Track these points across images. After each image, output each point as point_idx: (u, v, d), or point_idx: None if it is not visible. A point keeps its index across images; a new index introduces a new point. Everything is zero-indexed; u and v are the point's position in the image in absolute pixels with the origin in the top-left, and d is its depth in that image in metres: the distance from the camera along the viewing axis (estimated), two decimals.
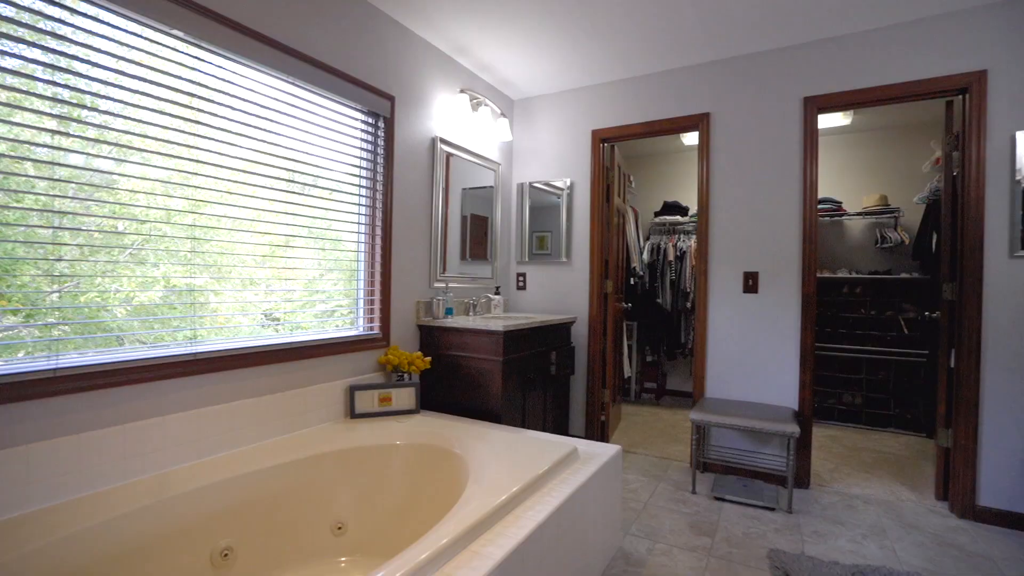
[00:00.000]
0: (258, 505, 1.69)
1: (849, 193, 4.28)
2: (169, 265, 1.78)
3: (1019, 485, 2.34)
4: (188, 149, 1.79)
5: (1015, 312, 2.36)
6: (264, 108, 2.03)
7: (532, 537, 1.38)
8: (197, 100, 1.81)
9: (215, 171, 1.88)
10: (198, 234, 1.85)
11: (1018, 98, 2.35)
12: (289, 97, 2.12)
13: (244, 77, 1.95)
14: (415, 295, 2.80)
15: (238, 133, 1.94)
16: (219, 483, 1.60)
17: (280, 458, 1.81)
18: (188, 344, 1.80)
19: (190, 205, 1.82)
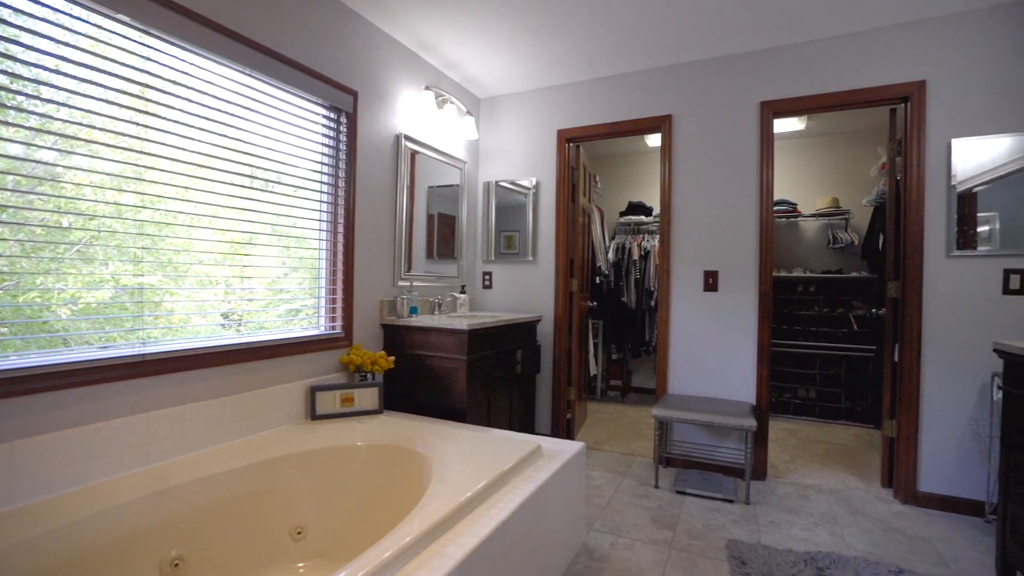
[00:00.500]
0: (212, 511, 1.63)
1: (804, 195, 4.45)
2: (119, 263, 1.70)
3: (954, 471, 2.49)
4: (140, 142, 1.71)
5: (951, 309, 2.50)
6: (221, 101, 1.96)
7: (494, 535, 1.38)
8: (149, 91, 1.73)
9: (170, 165, 1.81)
10: (152, 231, 1.78)
11: (954, 107, 2.49)
12: (246, 90, 2.06)
13: (199, 68, 1.88)
14: (379, 294, 2.76)
15: (194, 126, 1.87)
16: (169, 489, 1.54)
17: (236, 462, 1.75)
18: (140, 345, 1.73)
19: (143, 200, 1.74)
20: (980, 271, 2.45)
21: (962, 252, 2.47)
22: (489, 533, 1.36)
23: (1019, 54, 2.38)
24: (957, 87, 2.48)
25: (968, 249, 2.47)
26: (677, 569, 1.96)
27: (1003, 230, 2.42)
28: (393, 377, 2.69)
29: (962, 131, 2.47)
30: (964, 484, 2.47)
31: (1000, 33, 2.41)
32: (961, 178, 2.48)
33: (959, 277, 2.48)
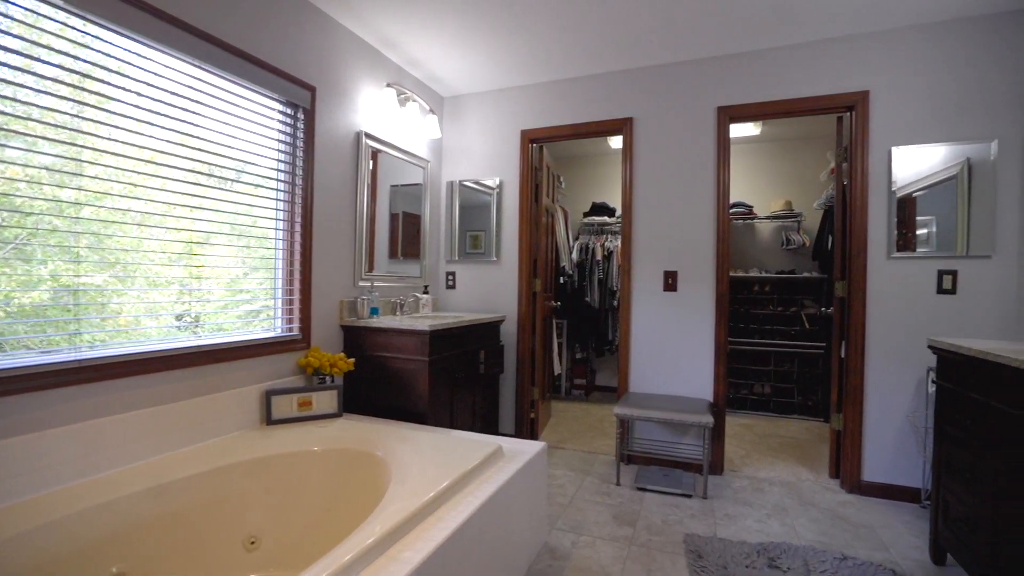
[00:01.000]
0: (158, 523, 1.56)
1: (759, 198, 4.61)
2: (61, 262, 1.61)
3: (895, 461, 2.62)
4: (82, 135, 1.62)
5: (892, 308, 2.63)
6: (169, 94, 1.88)
7: (454, 538, 1.37)
8: (89, 80, 1.64)
9: (116, 160, 1.72)
10: (98, 228, 1.69)
11: (894, 117, 2.62)
12: (196, 83, 1.97)
13: (144, 58, 1.79)
14: (338, 294, 2.70)
15: (141, 120, 1.79)
16: (110, 503, 1.46)
17: (185, 471, 1.68)
18: (88, 349, 1.64)
19: (87, 197, 1.65)
20: (917, 272, 2.59)
21: (901, 254, 2.61)
22: (448, 536, 1.35)
23: (953, 68, 2.53)
24: (897, 98, 2.62)
25: (907, 251, 2.61)
26: (637, 565, 2.00)
27: (939, 233, 2.57)
28: (353, 379, 2.64)
29: (902, 139, 2.61)
30: (903, 473, 2.61)
31: (937, 49, 2.55)
32: (901, 184, 2.62)
33: (899, 277, 2.62)
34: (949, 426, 1.92)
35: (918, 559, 2.06)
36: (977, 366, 1.73)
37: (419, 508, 1.43)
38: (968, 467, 1.78)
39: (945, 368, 1.96)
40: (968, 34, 2.50)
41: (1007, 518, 1.56)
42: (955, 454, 1.87)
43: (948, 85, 2.54)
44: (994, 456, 1.63)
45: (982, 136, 2.48)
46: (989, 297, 2.48)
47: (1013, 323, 2.44)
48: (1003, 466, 1.59)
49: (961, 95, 2.52)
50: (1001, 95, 2.46)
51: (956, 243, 2.53)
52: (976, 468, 1.73)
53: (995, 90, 2.47)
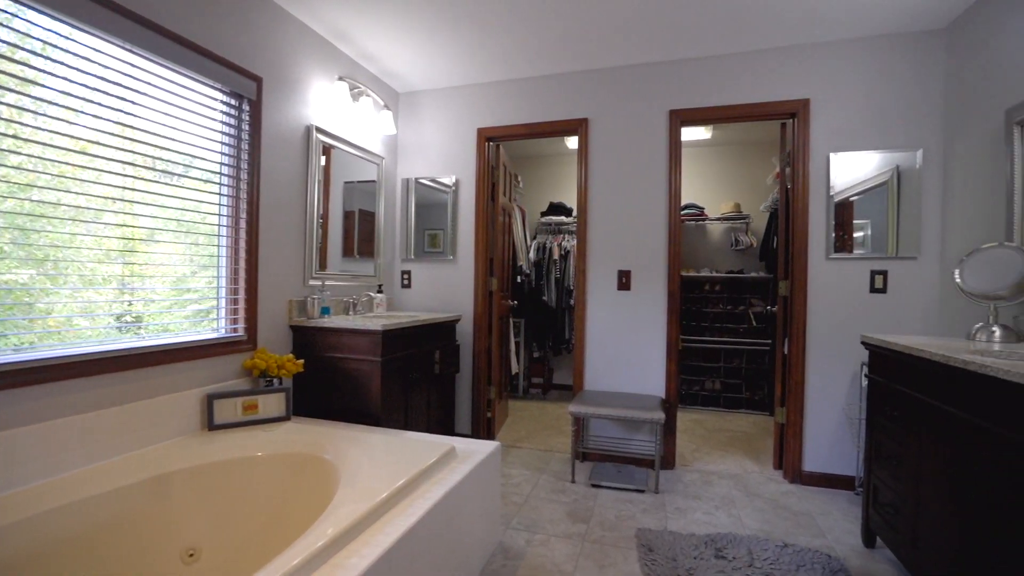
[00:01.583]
0: (86, 538, 1.45)
1: (710, 200, 4.76)
2: None
3: (833, 451, 2.76)
4: (1, 121, 1.49)
5: (830, 306, 2.77)
6: (102, 80, 1.76)
7: (402, 542, 1.34)
8: (7, 62, 1.51)
9: (42, 150, 1.59)
10: (23, 222, 1.56)
11: (832, 124, 2.76)
12: (132, 69, 1.86)
13: (73, 41, 1.67)
14: (287, 294, 2.61)
15: (71, 107, 1.67)
16: (24, 521, 1.35)
17: (117, 481, 1.58)
18: (12, 352, 1.53)
19: (9, 188, 1.53)
20: (853, 272, 2.74)
21: (839, 255, 2.75)
22: (396, 540, 1.32)
23: (884, 81, 2.68)
24: (835, 106, 2.75)
25: (844, 252, 2.75)
26: (590, 561, 2.02)
27: (873, 235, 2.72)
28: (303, 381, 2.56)
29: (839, 146, 2.75)
30: (840, 462, 2.75)
31: (870, 61, 2.70)
32: (839, 188, 2.75)
33: (836, 277, 2.76)
34: (879, 417, 2.04)
35: (851, 543, 2.17)
36: (903, 360, 1.84)
37: (367, 512, 1.39)
38: (895, 455, 1.89)
39: (875, 362, 2.08)
40: (897, 49, 2.66)
41: (926, 501, 1.67)
42: (884, 443, 1.98)
43: (880, 96, 2.69)
44: (916, 443, 1.74)
45: (909, 145, 2.64)
46: (915, 295, 2.65)
47: (935, 319, 2.61)
48: (923, 452, 1.69)
49: (891, 106, 2.67)
50: (925, 107, 2.63)
51: (887, 245, 2.68)
52: (902, 456, 1.84)
53: (920, 102, 2.63)
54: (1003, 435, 1.30)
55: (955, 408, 1.52)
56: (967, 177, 2.42)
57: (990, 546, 1.35)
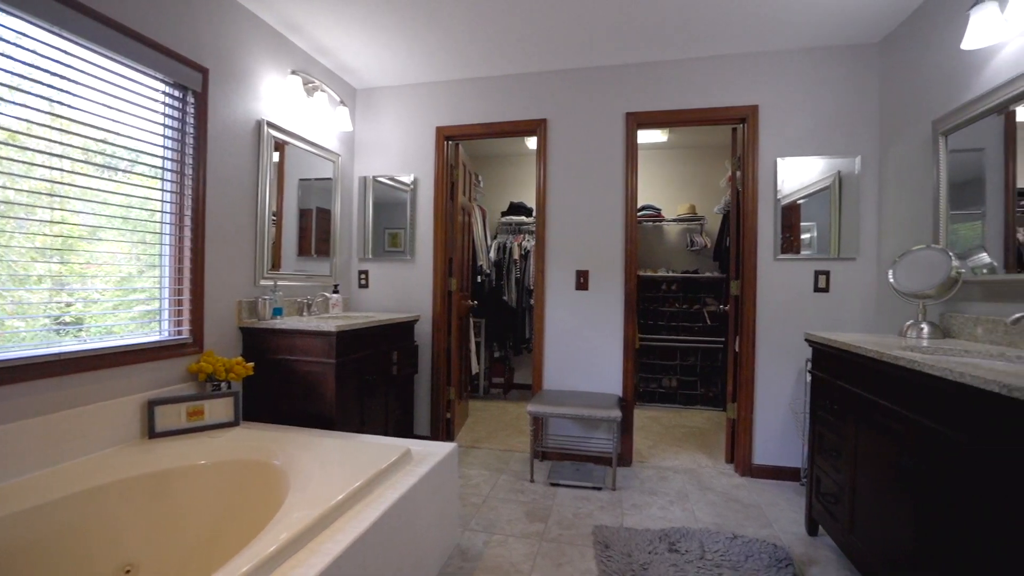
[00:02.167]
0: (9, 558, 1.35)
1: (667, 201, 4.87)
2: None
3: (781, 444, 2.88)
4: None
5: (778, 305, 2.88)
6: (28, 66, 1.64)
7: (353, 549, 1.31)
8: None
9: None
10: None
11: (778, 130, 2.87)
12: (63, 55, 1.74)
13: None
14: (237, 294, 2.51)
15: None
16: None
17: (46, 495, 1.47)
18: None
19: None
20: (799, 272, 2.86)
21: (785, 255, 2.87)
22: (346, 548, 1.28)
23: (828, 89, 2.81)
24: (782, 113, 2.87)
25: (791, 253, 2.87)
26: (547, 560, 2.03)
27: (818, 237, 2.85)
28: (254, 385, 2.47)
29: (786, 151, 2.86)
30: (787, 455, 2.87)
31: (814, 71, 2.82)
32: (787, 192, 2.87)
33: (784, 277, 2.88)
34: (821, 411, 2.13)
35: (796, 532, 2.27)
36: (841, 356, 1.93)
37: (317, 519, 1.35)
38: (835, 447, 1.98)
39: (818, 359, 2.18)
40: (837, 61, 2.79)
41: (861, 489, 1.76)
42: (825, 436, 2.08)
43: (822, 104, 2.82)
44: (853, 435, 1.83)
45: (849, 152, 2.78)
46: (855, 294, 2.79)
47: (873, 317, 2.76)
48: (859, 443, 1.79)
49: (833, 114, 2.81)
50: (862, 116, 2.77)
51: (831, 246, 2.82)
52: (841, 447, 1.93)
53: (858, 111, 2.78)
54: (927, 425, 1.39)
55: (887, 401, 1.61)
56: (900, 183, 2.57)
57: (916, 529, 1.43)
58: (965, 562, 1.24)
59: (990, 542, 1.16)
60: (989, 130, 1.94)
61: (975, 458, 1.21)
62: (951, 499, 1.29)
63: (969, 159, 2.09)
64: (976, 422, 1.21)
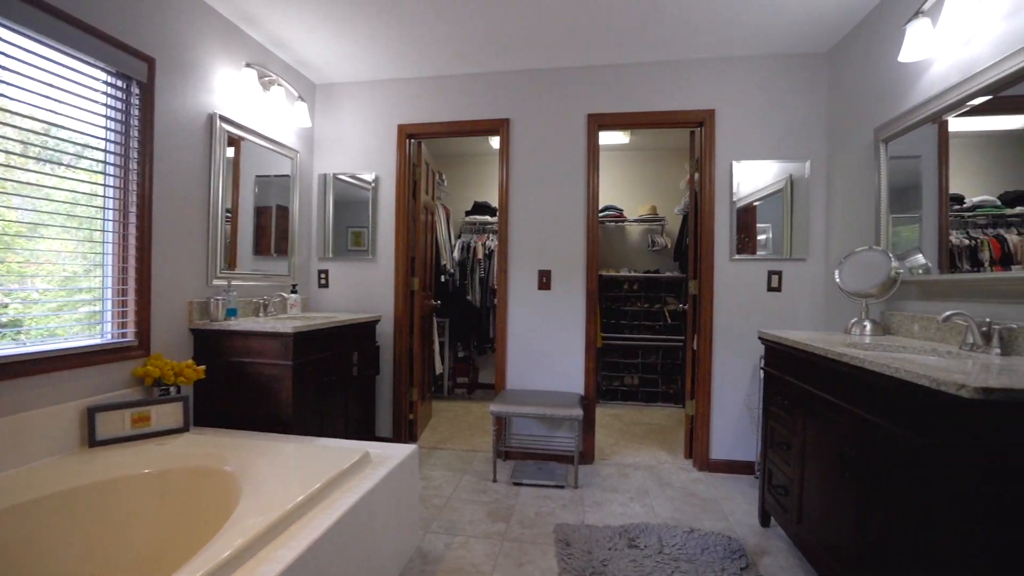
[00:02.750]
0: None
1: (629, 202, 4.95)
2: None
3: (736, 440, 2.97)
4: None
5: (734, 304, 2.97)
6: None
7: (307, 555, 1.28)
8: None
9: None
10: None
11: (734, 134, 2.96)
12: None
13: None
14: (187, 295, 2.41)
15: None
16: None
17: None
18: None
19: None
20: (753, 272, 2.96)
21: (741, 256, 2.96)
22: (300, 554, 1.25)
23: (781, 96, 2.91)
24: (737, 117, 2.96)
25: (746, 253, 2.96)
26: (508, 560, 2.03)
27: (773, 238, 2.95)
28: (207, 389, 2.38)
29: (741, 155, 2.95)
30: (742, 449, 2.96)
31: (768, 77, 2.93)
32: (743, 194, 2.96)
33: (739, 277, 2.97)
34: (773, 407, 2.21)
35: (749, 524, 2.35)
36: (791, 354, 2.01)
37: (270, 526, 1.31)
38: (785, 441, 2.06)
39: (770, 356, 2.26)
40: (789, 69, 2.90)
41: (809, 481, 1.84)
42: (777, 430, 2.16)
43: (776, 110, 2.92)
44: (802, 429, 1.91)
45: (799, 156, 2.90)
46: (805, 293, 2.90)
47: (822, 315, 2.88)
48: (807, 436, 1.86)
49: (784, 119, 2.91)
50: (812, 122, 2.89)
51: (783, 247, 2.92)
52: (791, 441, 2.01)
53: (807, 117, 2.89)
54: (867, 419, 1.45)
55: (832, 396, 1.68)
56: (846, 187, 2.69)
57: (857, 518, 1.50)
58: (902, 548, 1.31)
59: (924, 528, 1.22)
60: (925, 138, 2.05)
61: (910, 449, 1.27)
62: (889, 488, 1.36)
63: (907, 165, 2.21)
64: (910, 414, 1.27)
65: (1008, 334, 1.59)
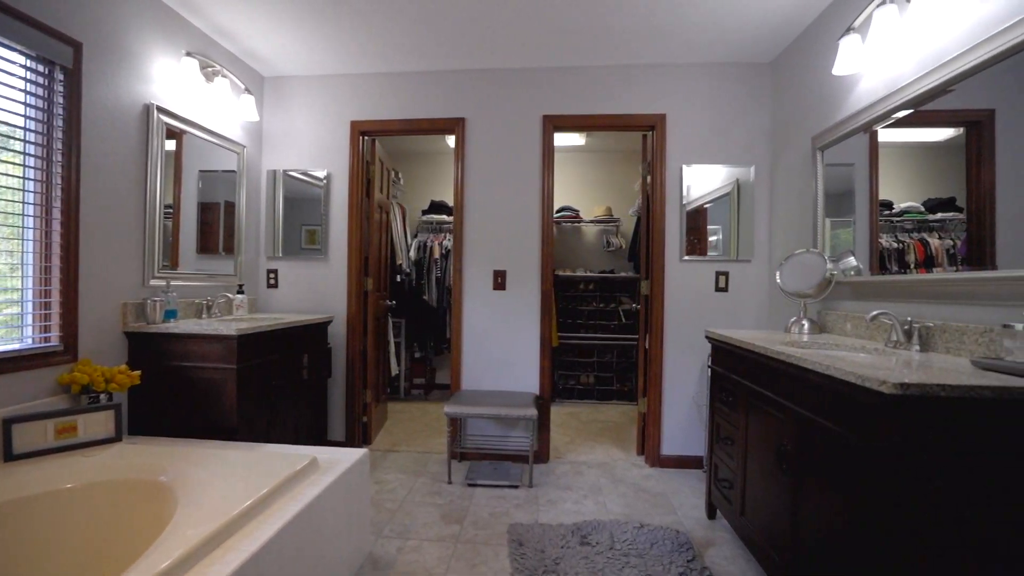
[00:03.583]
0: None
1: (585, 203, 5.02)
2: None
3: (685, 435, 3.06)
4: None
5: (684, 304, 3.06)
6: None
7: (247, 567, 1.22)
8: None
9: None
10: None
11: (684, 139, 3.05)
12: None
13: None
14: (121, 296, 2.27)
15: None
16: None
17: None
18: None
19: None
20: (702, 273, 3.05)
21: (690, 257, 3.05)
22: (238, 567, 1.20)
23: (728, 102, 3.02)
24: (687, 122, 3.05)
25: (696, 255, 3.05)
26: (461, 562, 2.02)
27: (723, 240, 3.05)
28: (143, 395, 2.25)
29: (691, 159, 3.04)
30: (691, 445, 3.06)
31: (717, 85, 3.03)
32: (693, 197, 3.05)
33: (689, 278, 3.06)
34: (719, 403, 2.29)
35: (697, 517, 2.42)
36: (735, 352, 2.09)
37: (206, 538, 1.25)
38: (729, 436, 2.14)
39: (716, 354, 2.34)
40: (737, 77, 3.01)
41: (751, 474, 1.91)
42: (722, 426, 2.23)
43: (724, 116, 3.03)
44: (744, 424, 1.98)
45: (745, 162, 3.01)
46: (750, 293, 3.02)
47: (765, 314, 3.01)
48: (749, 432, 1.94)
49: (732, 125, 3.02)
50: (756, 129, 3.01)
51: (731, 249, 3.03)
52: (735, 436, 2.08)
53: (753, 124, 3.01)
54: (802, 413, 1.53)
55: (771, 392, 1.75)
56: (787, 192, 2.81)
57: (792, 507, 1.58)
58: (831, 537, 1.38)
59: (851, 517, 1.29)
60: (857, 147, 2.17)
61: (839, 442, 1.34)
62: (821, 479, 1.43)
63: (842, 172, 2.33)
64: (839, 409, 1.34)
65: (926, 332, 1.70)
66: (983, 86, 1.55)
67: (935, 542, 1.13)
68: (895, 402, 1.13)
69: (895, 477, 1.14)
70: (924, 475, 1.13)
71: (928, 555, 1.14)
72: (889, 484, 1.15)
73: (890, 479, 1.15)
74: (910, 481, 1.13)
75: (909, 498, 1.14)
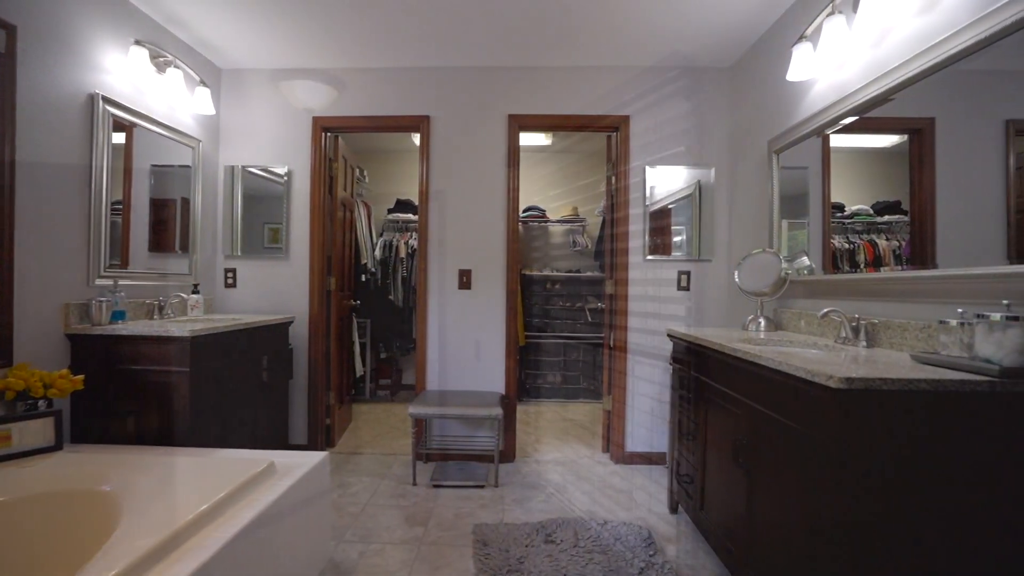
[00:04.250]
0: None
1: (551, 203, 5.05)
2: None
3: (650, 432, 3.12)
4: None
5: (647, 302, 3.11)
6: None
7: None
8: None
9: None
10: None
11: (646, 141, 3.10)
12: None
13: None
14: (63, 296, 2.15)
15: None
16: None
17: None
18: None
19: None
20: (665, 272, 3.11)
21: (653, 256, 3.10)
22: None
23: (689, 105, 3.08)
24: (650, 124, 3.10)
25: (658, 254, 3.11)
26: (425, 564, 2.00)
27: (686, 240, 3.11)
28: (88, 401, 2.14)
29: (654, 160, 3.10)
30: (656, 441, 3.11)
31: (679, 88, 3.09)
32: (657, 197, 3.10)
33: (652, 277, 3.11)
34: (680, 400, 2.34)
35: (660, 512, 2.47)
36: (695, 349, 2.13)
37: (152, 550, 1.19)
38: (690, 432, 2.18)
39: (677, 353, 2.38)
40: (698, 81, 3.08)
41: (710, 468, 1.96)
42: (683, 422, 2.28)
43: (685, 118, 3.09)
44: (704, 420, 2.03)
45: (706, 164, 3.08)
46: (711, 292, 3.10)
47: (726, 313, 3.08)
48: (708, 427, 1.98)
49: (693, 128, 3.09)
50: (717, 132, 3.09)
51: (694, 248, 3.10)
52: (695, 432, 2.13)
53: (713, 127, 3.09)
54: (757, 408, 1.57)
55: (728, 388, 1.80)
56: (745, 193, 2.90)
57: (747, 500, 1.62)
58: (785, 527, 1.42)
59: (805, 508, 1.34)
60: (810, 151, 2.25)
61: (790, 434, 1.39)
62: (774, 472, 1.48)
63: (797, 175, 2.42)
64: (791, 403, 1.39)
65: (872, 328, 1.78)
66: (923, 96, 1.63)
67: (881, 530, 1.18)
68: (842, 395, 1.17)
69: (842, 467, 1.18)
70: (868, 464, 1.18)
71: (875, 543, 1.18)
72: (836, 473, 1.19)
73: (837, 468, 1.19)
74: (856, 470, 1.18)
75: (854, 486, 1.18)
